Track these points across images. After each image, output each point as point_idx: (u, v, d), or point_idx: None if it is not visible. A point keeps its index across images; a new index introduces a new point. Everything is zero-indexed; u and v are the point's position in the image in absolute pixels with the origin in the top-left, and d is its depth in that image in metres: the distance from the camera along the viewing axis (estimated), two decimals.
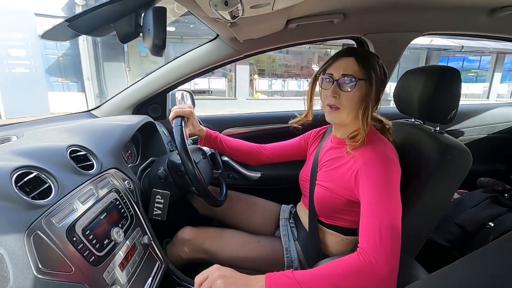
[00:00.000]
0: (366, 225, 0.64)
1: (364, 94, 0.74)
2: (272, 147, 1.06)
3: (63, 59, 7.24)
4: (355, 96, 0.74)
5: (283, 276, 0.60)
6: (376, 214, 0.64)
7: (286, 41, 1.24)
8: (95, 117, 1.23)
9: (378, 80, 0.75)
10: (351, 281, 0.59)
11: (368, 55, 0.77)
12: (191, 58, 1.23)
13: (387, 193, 0.66)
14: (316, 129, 1.01)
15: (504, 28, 1.22)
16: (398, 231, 0.63)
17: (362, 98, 0.75)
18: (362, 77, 0.73)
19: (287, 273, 0.60)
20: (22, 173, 0.56)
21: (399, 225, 0.63)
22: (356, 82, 0.73)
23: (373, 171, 0.69)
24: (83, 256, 0.55)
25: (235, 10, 0.64)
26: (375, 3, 1.07)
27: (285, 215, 1.03)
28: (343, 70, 0.74)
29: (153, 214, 0.85)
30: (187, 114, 0.90)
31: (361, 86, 0.74)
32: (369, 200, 0.66)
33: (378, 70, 0.75)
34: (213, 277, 0.60)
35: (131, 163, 1.12)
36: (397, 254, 0.61)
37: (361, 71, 0.73)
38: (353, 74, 0.73)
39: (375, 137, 0.78)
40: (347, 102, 0.75)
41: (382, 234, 0.61)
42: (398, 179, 0.70)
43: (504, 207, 1.18)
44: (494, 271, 0.27)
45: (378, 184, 0.67)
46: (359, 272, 0.59)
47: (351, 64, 0.74)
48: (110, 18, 0.61)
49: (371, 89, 0.73)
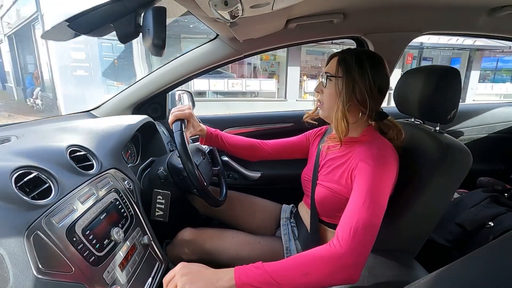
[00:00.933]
0: (345, 217, 0.66)
1: (338, 91, 0.76)
2: (273, 143, 1.06)
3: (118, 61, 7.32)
4: (331, 92, 0.78)
5: (253, 267, 0.60)
6: (357, 209, 0.65)
7: (286, 41, 1.25)
8: (95, 117, 1.23)
9: (357, 81, 0.74)
10: (317, 268, 0.60)
11: (349, 54, 0.78)
12: (191, 58, 1.23)
13: (374, 191, 0.67)
14: (317, 128, 1.01)
15: (503, 28, 1.22)
16: (374, 230, 0.64)
17: (336, 95, 0.77)
18: (338, 74, 0.76)
19: (257, 264, 0.61)
20: (22, 173, 0.56)
21: (377, 224, 0.65)
22: (330, 78, 0.78)
23: (366, 169, 0.70)
24: (83, 256, 0.55)
25: (235, 10, 0.64)
26: (375, 3, 1.07)
27: (286, 215, 1.03)
28: (326, 69, 0.81)
29: (156, 215, 0.85)
30: (187, 117, 0.89)
31: (335, 84, 0.77)
32: (356, 194, 0.68)
33: (357, 71, 0.75)
34: (178, 276, 0.60)
35: (131, 163, 1.12)
36: (367, 250, 0.63)
37: (337, 69, 0.77)
38: (330, 71, 0.78)
39: (373, 137, 0.78)
40: (326, 97, 0.80)
41: (357, 228, 0.63)
42: (391, 179, 0.70)
43: (504, 206, 1.18)
44: (494, 270, 0.27)
45: (367, 182, 0.68)
46: (325, 258, 0.61)
47: (333, 63, 0.79)
48: (110, 18, 0.61)
49: (346, 86, 0.75)
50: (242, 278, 0.59)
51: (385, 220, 0.78)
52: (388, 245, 0.80)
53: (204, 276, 0.60)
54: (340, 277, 0.61)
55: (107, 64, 7.20)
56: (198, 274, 0.60)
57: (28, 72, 9.62)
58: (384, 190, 0.68)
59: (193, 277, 0.59)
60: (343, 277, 0.61)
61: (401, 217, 0.78)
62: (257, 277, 0.59)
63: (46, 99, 7.91)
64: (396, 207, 0.79)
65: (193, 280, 0.59)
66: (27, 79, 9.34)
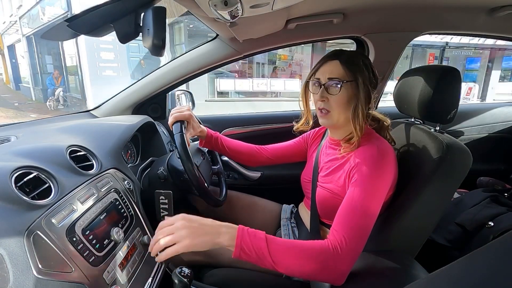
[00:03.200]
0: (342, 220, 0.66)
1: (351, 95, 0.75)
2: (272, 148, 1.06)
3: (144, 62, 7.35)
4: (343, 97, 0.75)
5: (255, 238, 0.60)
6: (353, 213, 0.66)
7: (286, 41, 1.24)
8: (94, 117, 1.23)
9: (367, 80, 0.75)
10: (313, 263, 0.61)
11: (354, 56, 0.77)
12: (191, 58, 1.23)
13: (370, 194, 0.67)
14: (315, 129, 1.01)
15: (503, 28, 1.22)
16: (367, 233, 0.65)
17: (350, 99, 0.75)
18: (348, 79, 0.74)
19: (260, 235, 0.61)
20: (22, 173, 0.56)
21: (370, 227, 0.66)
22: (341, 84, 0.74)
23: (364, 170, 0.70)
24: (83, 256, 0.55)
25: (235, 10, 0.64)
26: (375, 3, 1.07)
27: (286, 215, 1.02)
28: (329, 74, 0.76)
29: (161, 216, 0.85)
30: (187, 118, 0.88)
31: (347, 88, 0.75)
32: (352, 195, 0.68)
33: (364, 70, 0.75)
34: (177, 225, 0.58)
35: (131, 163, 1.12)
36: (358, 254, 0.64)
37: (346, 73, 0.74)
38: (338, 76, 0.75)
39: (371, 137, 0.78)
40: (335, 104, 0.76)
41: (353, 235, 0.63)
42: (388, 182, 0.71)
43: (504, 206, 1.18)
44: (494, 270, 0.27)
45: (364, 183, 0.68)
46: (324, 258, 0.62)
47: (336, 67, 0.75)
48: (110, 18, 0.61)
49: (359, 89, 0.74)
50: (243, 242, 0.59)
51: (385, 220, 0.78)
52: (388, 245, 0.80)
53: (205, 230, 0.59)
54: (328, 276, 0.63)
55: (134, 64, 7.21)
56: (199, 228, 0.59)
57: (48, 72, 9.66)
58: (379, 194, 0.68)
59: (194, 231, 0.58)
60: (331, 278, 0.63)
61: (401, 217, 0.78)
62: (256, 247, 0.59)
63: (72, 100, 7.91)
64: (396, 207, 0.79)
65: (195, 234, 0.57)
66: (48, 80, 9.42)
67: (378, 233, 0.72)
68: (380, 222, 0.69)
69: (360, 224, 0.64)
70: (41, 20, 7.84)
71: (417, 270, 0.69)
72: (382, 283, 0.67)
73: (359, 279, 0.66)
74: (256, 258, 0.60)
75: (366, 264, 0.72)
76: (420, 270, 0.69)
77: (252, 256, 0.59)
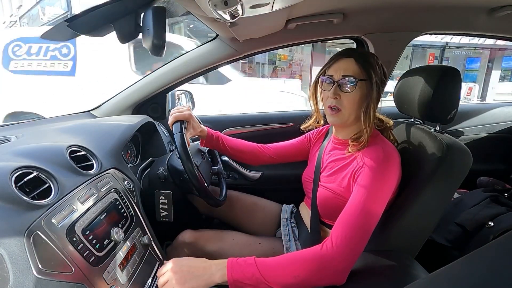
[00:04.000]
0: (343, 220, 0.66)
1: (365, 94, 0.74)
2: (274, 147, 1.05)
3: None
4: (356, 96, 0.74)
5: (245, 264, 0.61)
6: (355, 214, 0.65)
7: (286, 41, 1.24)
8: (94, 117, 1.23)
9: (378, 80, 0.75)
10: (307, 269, 0.61)
11: (368, 55, 0.77)
12: (191, 58, 1.23)
13: (374, 197, 0.67)
14: (317, 128, 1.00)
15: (503, 28, 1.22)
16: (368, 235, 0.65)
17: (363, 99, 0.75)
18: (362, 77, 0.74)
19: (250, 261, 0.61)
20: (22, 173, 0.56)
21: (371, 230, 0.66)
22: (356, 82, 0.73)
23: (369, 173, 0.69)
24: (83, 256, 0.55)
25: (235, 10, 0.64)
26: (375, 3, 1.07)
27: (287, 215, 1.02)
28: (343, 71, 0.74)
29: (161, 216, 0.85)
30: (187, 118, 0.87)
31: (361, 87, 0.74)
32: (355, 198, 0.68)
33: (378, 70, 0.75)
34: (169, 273, 0.60)
35: (131, 163, 1.12)
36: (358, 254, 0.64)
37: (361, 71, 0.74)
38: (353, 74, 0.73)
39: (377, 138, 0.78)
40: (348, 102, 0.75)
41: (353, 234, 0.63)
42: (393, 183, 0.71)
43: (504, 206, 1.18)
44: (494, 270, 0.27)
45: (368, 187, 0.68)
46: (316, 260, 0.62)
47: (351, 65, 0.74)
48: (110, 18, 0.61)
49: (372, 89, 0.74)
50: (235, 275, 0.59)
51: (385, 220, 0.78)
52: (388, 245, 0.80)
53: (195, 273, 0.60)
54: (327, 279, 0.62)
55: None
56: (189, 272, 0.60)
57: None
58: (383, 197, 0.68)
59: (183, 275, 0.59)
60: (330, 280, 0.62)
61: (401, 217, 0.78)
62: (249, 276, 0.59)
63: None
64: (396, 207, 0.79)
65: (185, 279, 0.58)
66: None
67: (378, 233, 0.72)
68: (380, 222, 0.69)
69: (360, 224, 0.64)
70: (41, 20, 7.83)
71: (417, 270, 0.69)
72: (382, 283, 0.67)
73: (359, 279, 0.66)
74: (252, 285, 0.60)
75: (366, 264, 0.72)
76: (420, 270, 0.69)
77: (248, 284, 0.60)
